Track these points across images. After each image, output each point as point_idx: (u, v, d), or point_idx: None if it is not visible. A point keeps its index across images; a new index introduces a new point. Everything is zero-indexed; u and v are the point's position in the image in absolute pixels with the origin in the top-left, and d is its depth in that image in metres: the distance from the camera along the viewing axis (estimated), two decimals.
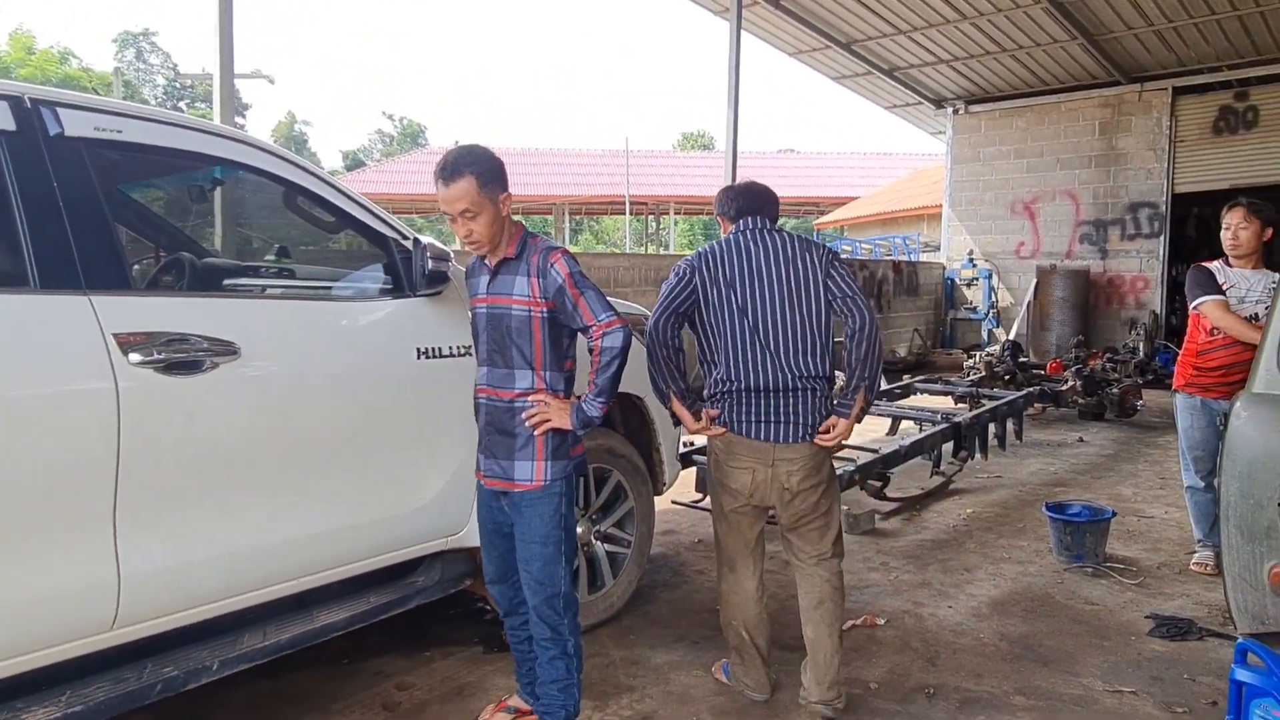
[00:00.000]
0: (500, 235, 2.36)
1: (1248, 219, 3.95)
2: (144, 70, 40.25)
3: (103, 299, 2.12)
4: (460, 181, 2.26)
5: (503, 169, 2.33)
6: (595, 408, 2.35)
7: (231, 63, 6.25)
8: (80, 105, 2.22)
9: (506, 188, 2.34)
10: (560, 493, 2.40)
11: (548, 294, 2.34)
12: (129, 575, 2.13)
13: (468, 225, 2.29)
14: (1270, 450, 3.05)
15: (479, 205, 2.28)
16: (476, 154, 2.30)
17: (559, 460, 2.40)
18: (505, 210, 2.34)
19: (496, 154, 2.35)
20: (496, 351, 2.41)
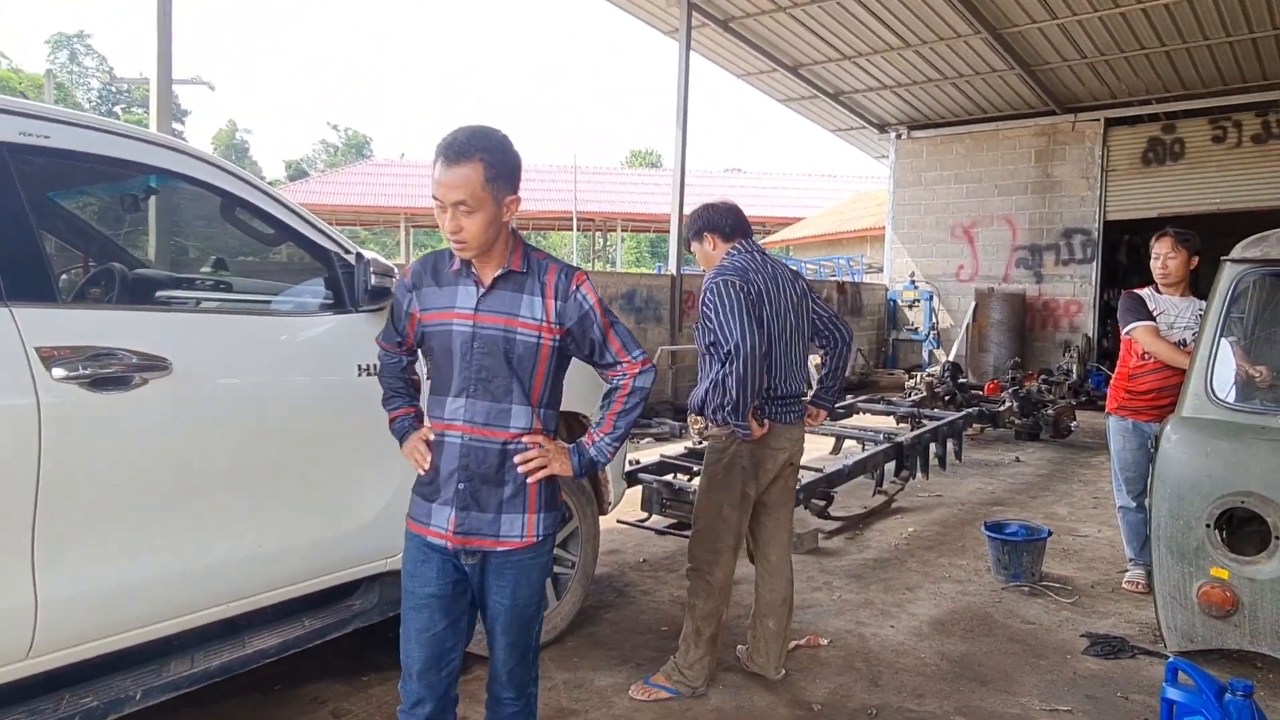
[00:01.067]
0: (494, 242, 1.95)
1: (1175, 248, 4.10)
2: (78, 73, 39.12)
3: (25, 311, 2.02)
4: (464, 167, 1.86)
5: (518, 166, 1.95)
6: (607, 452, 2.07)
7: (169, 67, 6.09)
8: (4, 109, 2.12)
9: (516, 190, 1.95)
10: (551, 550, 2.13)
11: (564, 320, 1.99)
12: (47, 600, 2.03)
13: (459, 221, 1.88)
14: (1198, 472, 3.15)
15: (479, 201, 1.88)
16: (493, 140, 1.90)
17: (551, 512, 2.06)
18: (509, 216, 1.96)
19: (516, 149, 1.95)
20: (483, 381, 1.96)
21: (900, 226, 14.22)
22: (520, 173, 1.96)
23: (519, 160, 1.95)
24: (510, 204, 1.94)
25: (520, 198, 1.97)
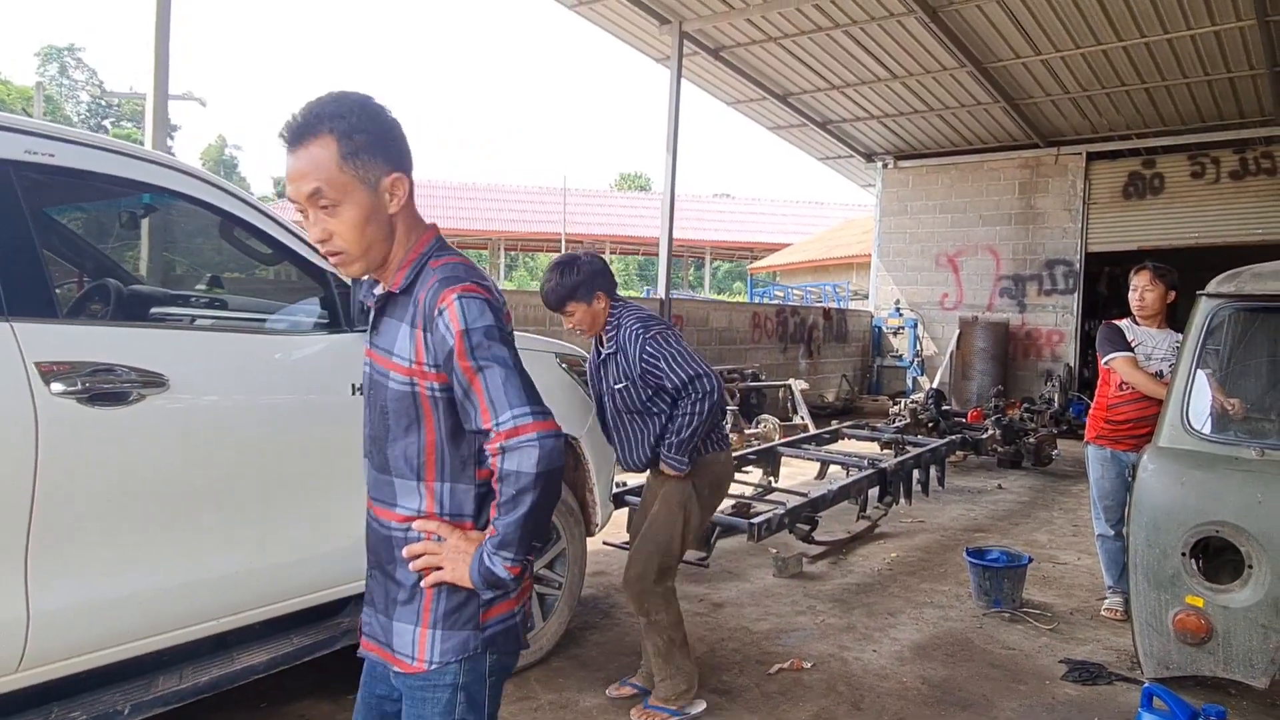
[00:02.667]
0: (381, 246, 1.45)
1: (1153, 281, 4.19)
2: (68, 86, 39.07)
3: (25, 326, 2.06)
4: (311, 146, 1.38)
5: (393, 134, 1.43)
6: (500, 565, 1.38)
7: (166, 84, 6.14)
8: (11, 127, 2.17)
9: (400, 166, 1.43)
10: (454, 685, 1.44)
11: (438, 360, 1.40)
12: (39, 613, 2.05)
13: (323, 223, 1.40)
14: (1174, 501, 3.22)
15: (339, 188, 1.38)
16: (346, 103, 1.40)
17: (454, 630, 1.44)
18: (395, 204, 1.43)
19: (387, 111, 1.44)
20: (374, 441, 1.54)
21: (886, 254, 14.37)
22: (400, 143, 1.44)
23: (392, 126, 1.43)
24: (392, 185, 1.42)
25: (408, 177, 1.45)
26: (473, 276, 1.43)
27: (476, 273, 1.46)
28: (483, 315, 1.39)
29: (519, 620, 1.52)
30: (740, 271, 38.80)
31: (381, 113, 1.43)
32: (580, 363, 3.74)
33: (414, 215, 1.50)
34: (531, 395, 1.39)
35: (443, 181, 30.09)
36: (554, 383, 3.56)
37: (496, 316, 1.41)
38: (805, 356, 12.88)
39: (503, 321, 1.43)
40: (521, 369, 1.42)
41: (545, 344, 3.69)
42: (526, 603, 1.57)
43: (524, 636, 1.55)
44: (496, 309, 1.42)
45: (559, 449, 1.38)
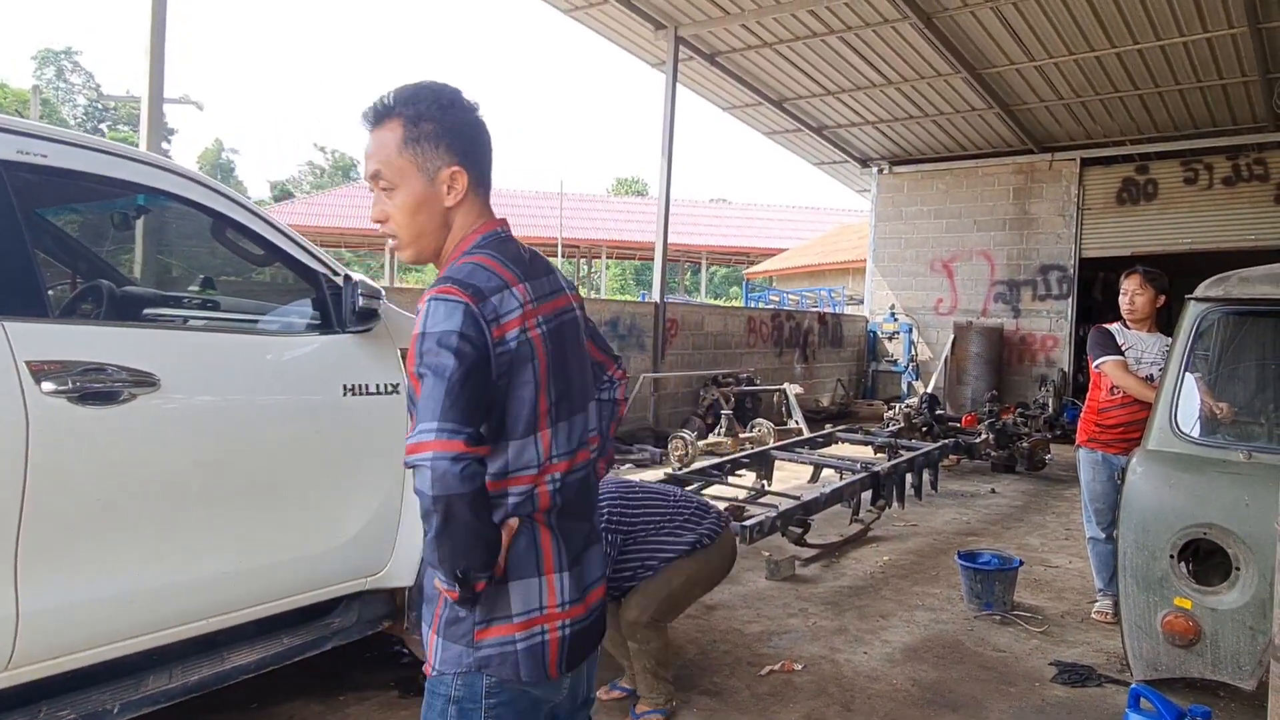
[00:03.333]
0: (433, 237, 1.47)
1: (1143, 286, 4.22)
2: (64, 89, 39.07)
3: (16, 325, 2.07)
4: (382, 129, 1.43)
5: (461, 128, 1.43)
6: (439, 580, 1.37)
7: (161, 87, 6.15)
8: (4, 128, 2.17)
9: (462, 158, 1.43)
10: (448, 696, 1.42)
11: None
12: (29, 612, 2.05)
13: (381, 204, 1.45)
14: (1163, 503, 3.23)
15: (397, 172, 1.42)
16: (423, 91, 1.43)
17: (451, 642, 1.42)
18: (452, 197, 1.43)
19: (466, 107, 1.45)
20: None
21: (881, 259, 14.41)
22: (469, 138, 1.44)
23: (464, 120, 1.44)
24: (451, 178, 1.43)
25: (468, 172, 1.44)
26: (459, 276, 1.36)
27: (480, 273, 1.38)
28: (445, 319, 1.31)
29: (521, 649, 1.41)
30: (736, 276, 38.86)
31: (456, 106, 1.44)
32: None
33: (476, 212, 1.48)
34: (453, 412, 1.27)
35: None
36: None
37: (465, 321, 1.31)
38: (800, 361, 12.90)
39: (474, 327, 1.32)
40: (470, 382, 1.30)
41: None
42: (543, 634, 1.43)
43: (546, 670, 1.43)
44: (471, 314, 1.32)
45: (455, 475, 1.25)
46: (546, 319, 1.45)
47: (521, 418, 1.40)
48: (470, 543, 1.30)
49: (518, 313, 1.38)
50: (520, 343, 1.38)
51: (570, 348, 1.52)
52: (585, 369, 1.59)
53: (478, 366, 1.32)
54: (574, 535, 1.50)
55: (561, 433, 1.47)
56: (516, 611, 1.41)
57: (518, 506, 1.41)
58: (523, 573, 1.42)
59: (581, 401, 1.54)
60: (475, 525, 1.29)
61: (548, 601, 1.43)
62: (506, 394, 1.39)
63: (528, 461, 1.42)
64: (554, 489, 1.45)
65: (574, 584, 1.47)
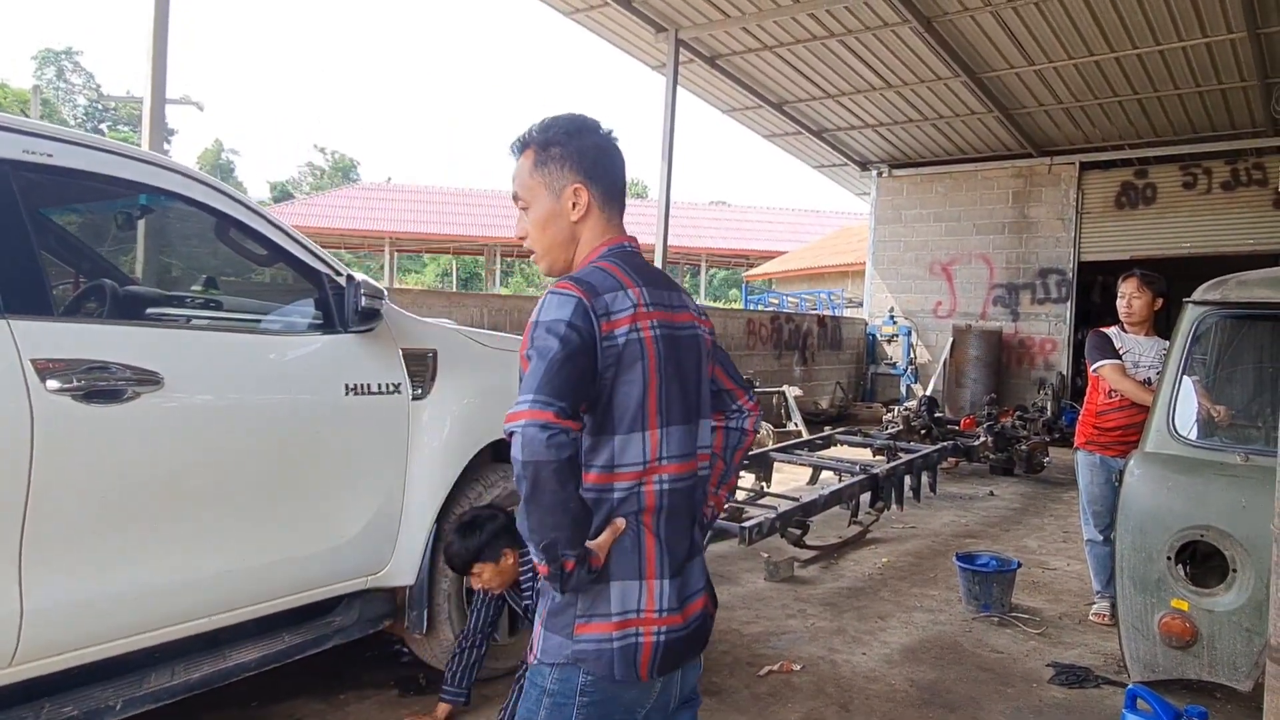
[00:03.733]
0: (563, 249, 1.62)
1: (1140, 289, 4.24)
2: (65, 90, 39.07)
3: (21, 323, 2.08)
4: (521, 156, 1.62)
5: (585, 150, 1.58)
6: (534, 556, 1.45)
7: (164, 87, 6.16)
8: (10, 127, 2.19)
9: (586, 176, 1.58)
10: (544, 687, 1.49)
11: None
12: (33, 609, 2.06)
13: (521, 222, 1.64)
14: (1160, 505, 3.25)
15: (529, 192, 1.60)
16: (555, 122, 1.60)
17: (553, 633, 1.50)
18: (576, 212, 1.58)
19: (595, 132, 1.61)
20: None
21: (880, 263, 14.44)
22: (592, 159, 1.59)
23: (589, 144, 1.59)
24: (574, 193, 1.57)
25: (589, 189, 1.58)
26: (578, 275, 1.50)
27: (597, 274, 1.50)
28: (557, 310, 1.43)
29: (617, 648, 1.46)
30: (735, 279, 38.86)
31: (582, 132, 1.59)
32: None
33: (604, 227, 1.61)
34: (549, 386, 1.37)
35: (440, 187, 30.14)
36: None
37: (575, 313, 1.42)
38: (800, 363, 12.91)
39: (583, 319, 1.41)
40: (570, 365, 1.39)
41: None
42: (637, 636, 1.47)
43: (637, 671, 1.47)
44: (582, 307, 1.42)
45: (542, 441, 1.34)
46: (661, 324, 1.52)
47: (628, 412, 1.47)
48: (557, 513, 1.37)
49: (629, 312, 1.47)
50: (629, 340, 1.46)
51: (686, 360, 1.58)
52: (702, 386, 1.65)
53: (581, 353, 1.41)
54: (678, 544, 1.55)
55: (673, 437, 1.53)
56: (615, 611, 1.47)
57: (623, 503, 1.49)
58: (624, 574, 1.48)
59: (694, 413, 1.60)
60: (560, 495, 1.36)
61: (646, 605, 1.49)
62: (613, 388, 1.46)
63: (633, 458, 1.48)
64: (660, 490, 1.52)
65: (674, 593, 1.52)
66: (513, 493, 3.34)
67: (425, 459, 3.01)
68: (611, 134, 1.63)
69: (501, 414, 3.61)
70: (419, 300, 7.76)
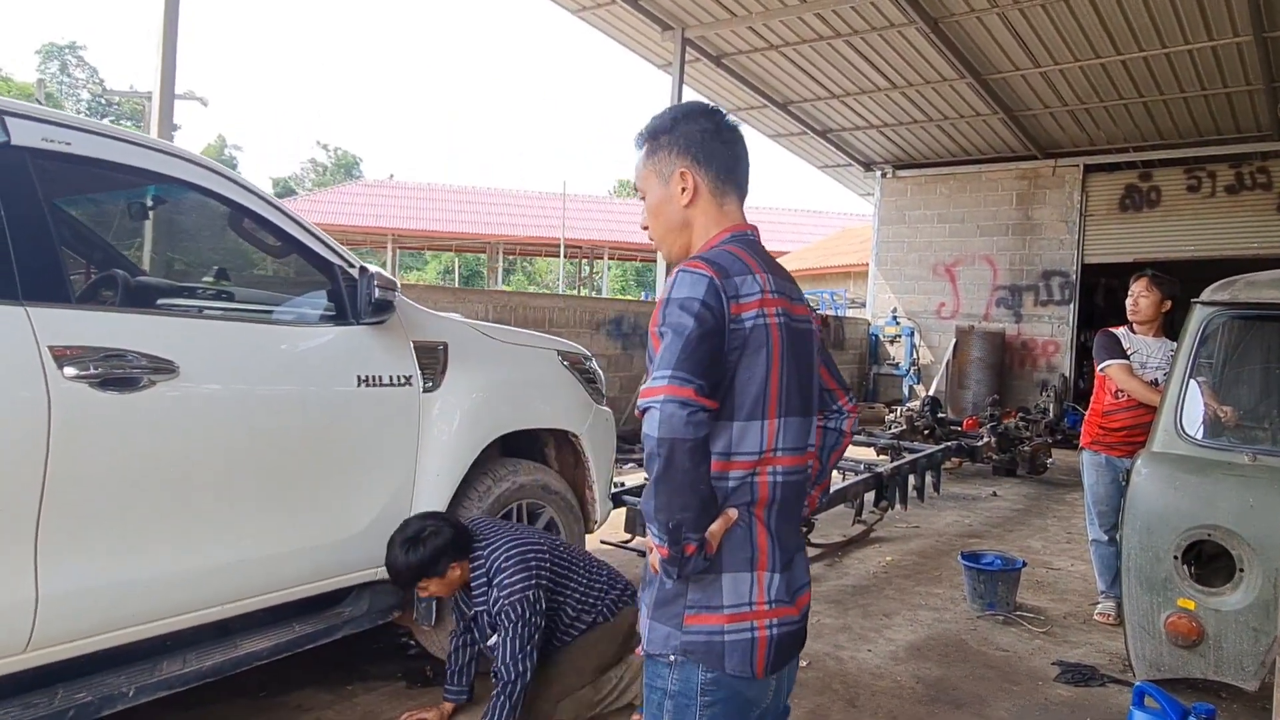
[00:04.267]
0: (678, 235, 1.60)
1: (1149, 288, 4.25)
2: (68, 84, 39.10)
3: (40, 310, 2.09)
4: (640, 149, 1.63)
5: (692, 135, 1.56)
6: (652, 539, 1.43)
7: (173, 82, 6.18)
8: (29, 115, 2.20)
9: (692, 159, 1.56)
10: (664, 690, 1.47)
11: None
12: (48, 595, 2.07)
13: (643, 212, 1.65)
14: (1168, 505, 3.25)
15: (644, 181, 1.62)
16: (669, 111, 1.62)
17: (661, 623, 1.47)
18: (685, 197, 1.56)
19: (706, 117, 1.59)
20: None
21: (884, 263, 14.44)
22: (698, 144, 1.56)
23: (697, 129, 1.57)
24: (680, 178, 1.56)
25: (693, 173, 1.56)
26: (708, 255, 1.47)
27: (726, 256, 1.47)
28: (690, 288, 1.40)
29: (729, 641, 1.42)
30: None
31: (691, 117, 1.58)
32: (582, 360, 3.78)
33: (719, 214, 1.58)
34: (687, 363, 1.35)
35: (443, 185, 30.16)
36: (555, 380, 3.59)
37: (708, 291, 1.39)
38: None
39: (715, 298, 1.39)
40: (705, 343, 1.37)
41: (546, 341, 3.72)
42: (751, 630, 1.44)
43: (753, 667, 1.44)
44: (714, 286, 1.40)
45: (682, 419, 1.32)
46: (784, 313, 1.49)
47: (748, 398, 1.43)
48: (687, 493, 1.35)
49: (757, 296, 1.45)
50: (755, 325, 1.43)
51: (803, 353, 1.55)
52: (814, 381, 1.62)
53: (714, 332, 1.39)
54: (788, 538, 1.53)
55: (790, 428, 1.50)
56: (728, 603, 1.43)
57: (735, 493, 1.45)
58: (736, 565, 1.45)
59: (808, 407, 1.57)
60: (693, 475, 1.35)
61: (757, 597, 1.45)
62: (736, 372, 1.43)
63: (750, 446, 1.44)
64: (774, 481, 1.48)
65: (785, 585, 1.49)
66: (522, 486, 3.35)
67: (435, 451, 3.02)
68: (726, 120, 1.61)
69: (511, 408, 3.62)
70: (424, 296, 7.77)
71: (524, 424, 3.40)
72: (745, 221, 1.60)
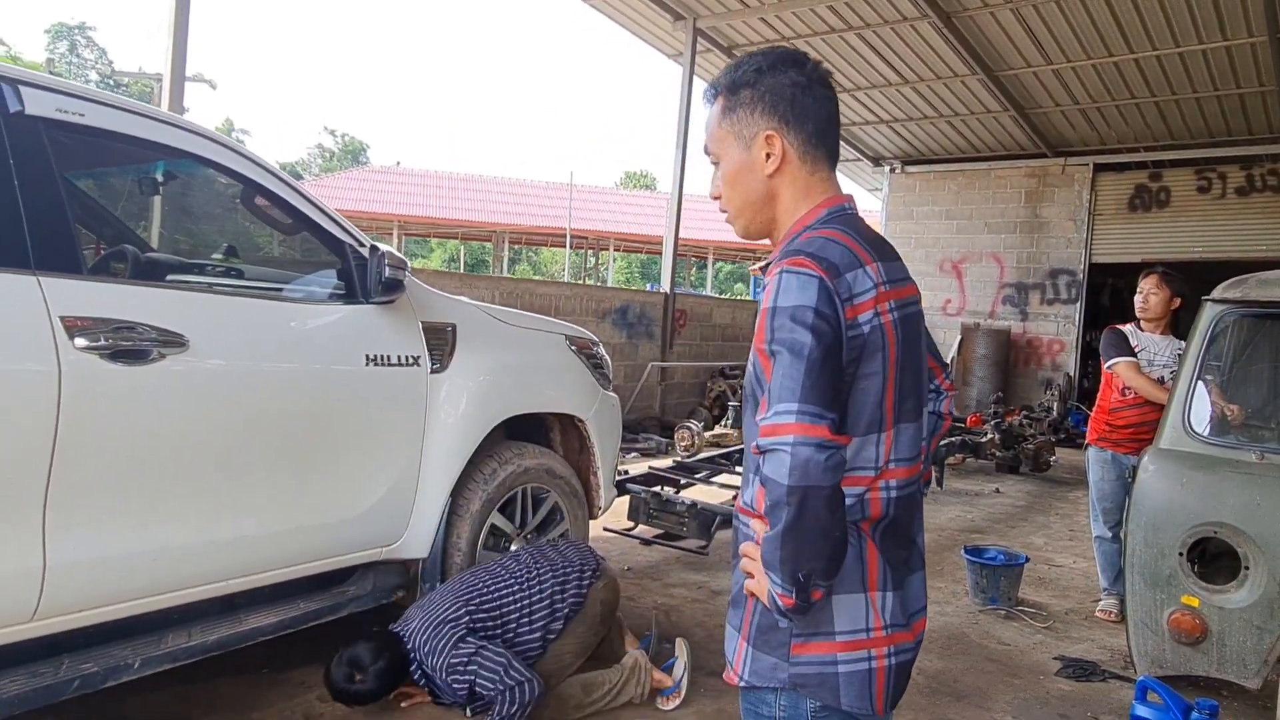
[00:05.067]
0: (760, 210, 1.40)
1: (1159, 286, 4.23)
2: (77, 64, 39.07)
3: (51, 280, 2.09)
4: (712, 104, 1.41)
5: (779, 89, 1.35)
6: (772, 586, 1.23)
7: (184, 63, 6.17)
8: (44, 85, 2.20)
9: (776, 122, 1.34)
10: (771, 715, 1.33)
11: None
12: (55, 565, 2.08)
13: (714, 179, 1.43)
14: (1173, 501, 3.25)
15: (718, 143, 1.40)
16: (747, 59, 1.38)
17: (764, 653, 1.32)
18: (770, 164, 1.35)
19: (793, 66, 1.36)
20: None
21: None
22: (788, 100, 1.34)
23: (785, 80, 1.35)
24: (766, 142, 1.35)
25: (784, 136, 1.34)
26: (811, 250, 1.25)
27: (833, 248, 1.26)
28: (800, 294, 1.21)
29: (844, 673, 1.27)
30: (742, 273, 38.86)
31: (776, 68, 1.35)
32: (589, 345, 3.77)
33: (809, 184, 1.37)
34: (814, 394, 1.17)
35: (449, 172, 30.13)
36: (562, 364, 3.59)
37: (820, 297, 1.20)
38: None
39: (829, 305, 1.20)
40: (828, 363, 1.19)
41: (554, 325, 3.72)
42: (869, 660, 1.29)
43: (873, 702, 1.29)
44: (826, 290, 1.20)
45: (820, 464, 1.14)
46: (897, 305, 1.31)
47: (865, 411, 1.27)
48: (820, 544, 1.18)
49: (871, 294, 1.26)
50: (872, 328, 1.25)
51: (914, 345, 1.36)
52: (925, 376, 1.44)
53: (833, 347, 1.21)
54: (900, 557, 1.36)
55: (905, 435, 1.33)
56: (841, 630, 1.28)
57: (849, 510, 1.27)
58: (848, 587, 1.28)
59: (919, 408, 1.38)
60: (828, 524, 1.18)
61: (874, 623, 1.29)
62: (852, 384, 1.26)
63: (865, 461, 1.28)
64: (887, 497, 1.31)
65: (900, 607, 1.33)
66: (527, 470, 3.35)
67: (441, 433, 3.02)
68: (818, 69, 1.38)
69: (518, 391, 3.61)
70: (430, 281, 7.72)
71: (530, 408, 3.40)
72: (840, 192, 1.39)
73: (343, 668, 2.71)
